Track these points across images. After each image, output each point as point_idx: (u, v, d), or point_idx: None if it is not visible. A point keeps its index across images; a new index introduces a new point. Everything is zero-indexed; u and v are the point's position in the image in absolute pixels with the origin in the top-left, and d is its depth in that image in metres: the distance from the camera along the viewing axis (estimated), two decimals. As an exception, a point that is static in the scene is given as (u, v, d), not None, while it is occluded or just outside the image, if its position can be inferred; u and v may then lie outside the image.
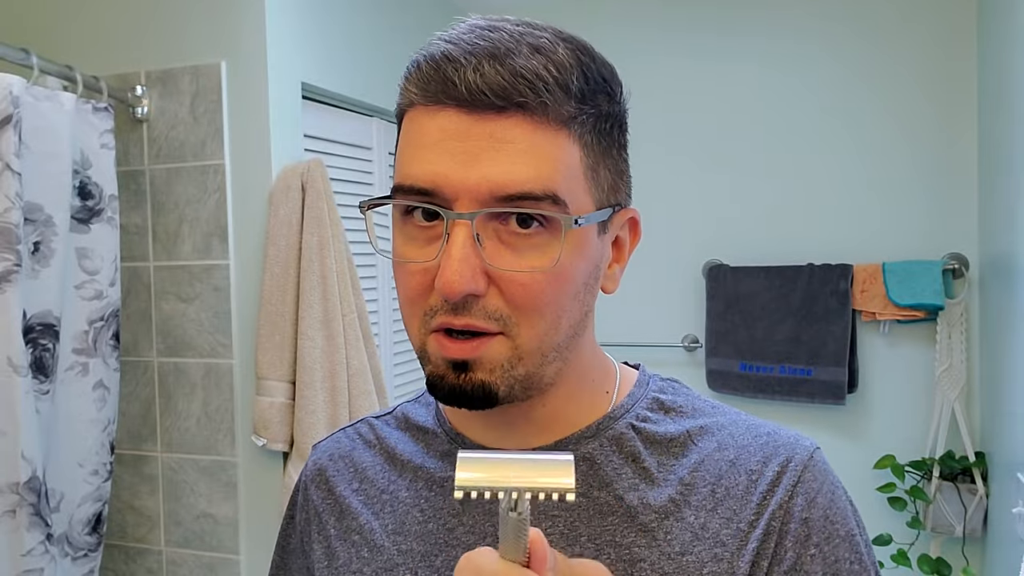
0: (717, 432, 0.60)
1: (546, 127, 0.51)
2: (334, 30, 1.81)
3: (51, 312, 1.37)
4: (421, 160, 0.52)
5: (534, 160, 0.50)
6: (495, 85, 0.49)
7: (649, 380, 0.65)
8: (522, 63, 0.50)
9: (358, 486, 0.66)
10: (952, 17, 2.15)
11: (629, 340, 2.41)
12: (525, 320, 0.52)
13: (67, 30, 1.69)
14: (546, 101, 0.50)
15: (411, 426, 0.68)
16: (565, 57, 0.52)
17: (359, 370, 1.58)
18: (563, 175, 0.52)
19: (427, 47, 0.53)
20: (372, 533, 0.63)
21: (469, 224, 0.50)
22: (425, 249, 0.53)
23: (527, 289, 0.51)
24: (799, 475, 0.57)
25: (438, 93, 0.51)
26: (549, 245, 0.51)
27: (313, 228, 1.54)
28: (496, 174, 0.50)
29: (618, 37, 2.47)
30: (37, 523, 1.30)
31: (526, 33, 0.52)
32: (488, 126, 0.50)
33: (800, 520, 0.56)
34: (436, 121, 0.51)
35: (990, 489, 2.02)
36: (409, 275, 0.53)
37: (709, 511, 0.56)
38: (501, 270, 0.51)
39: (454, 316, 0.51)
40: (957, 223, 2.16)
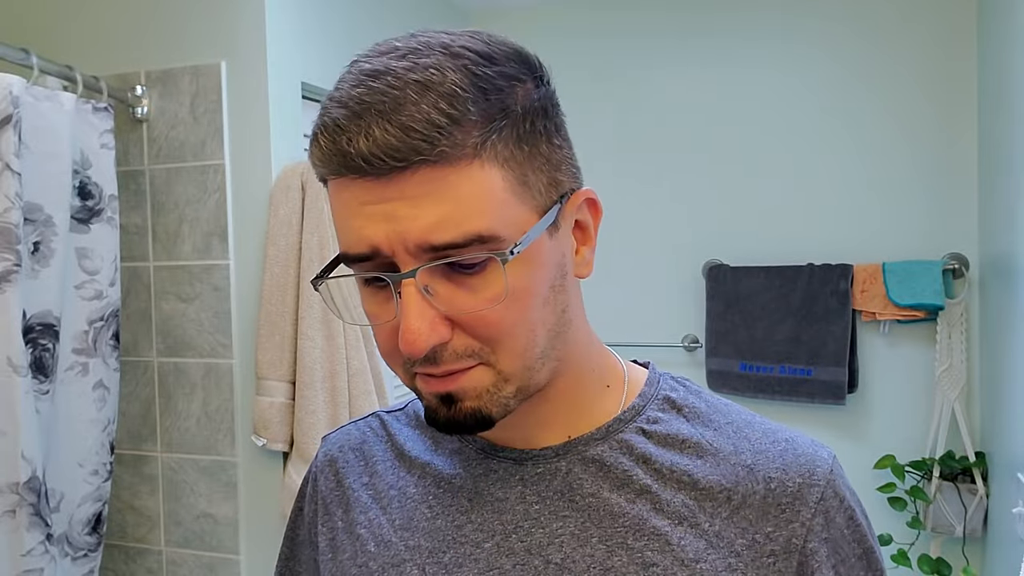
0: (732, 434, 0.60)
1: (454, 167, 0.49)
2: (334, 30, 1.81)
3: (51, 312, 1.37)
4: (351, 229, 0.51)
5: (449, 207, 0.49)
6: (388, 148, 0.47)
7: (660, 379, 0.64)
8: (411, 113, 0.47)
9: (368, 480, 0.66)
10: (952, 17, 2.15)
11: (629, 340, 2.40)
12: (499, 348, 0.52)
13: (67, 30, 1.69)
14: (445, 147, 0.48)
15: (421, 423, 0.68)
16: (456, 83, 0.48)
17: (359, 370, 1.58)
18: (485, 209, 0.50)
19: (324, 110, 0.52)
20: (380, 528, 0.63)
21: (413, 281, 0.50)
22: (385, 307, 0.53)
23: (490, 322, 0.51)
24: (821, 492, 0.56)
25: (340, 167, 0.50)
26: (498, 277, 0.50)
27: (313, 228, 1.54)
28: (415, 231, 0.49)
29: (618, 39, 2.47)
30: (37, 523, 1.30)
31: (412, 67, 0.49)
32: (397, 186, 0.49)
33: (821, 540, 0.55)
34: (350, 191, 0.51)
35: (990, 489, 2.02)
36: (382, 332, 0.54)
37: (724, 519, 0.56)
38: (460, 313, 0.51)
39: (431, 367, 0.52)
40: (957, 223, 2.16)
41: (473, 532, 0.59)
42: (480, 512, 0.60)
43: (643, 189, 2.42)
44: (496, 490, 0.60)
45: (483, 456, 0.62)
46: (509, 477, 0.60)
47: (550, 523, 0.58)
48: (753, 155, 2.35)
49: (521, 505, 0.59)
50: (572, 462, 0.59)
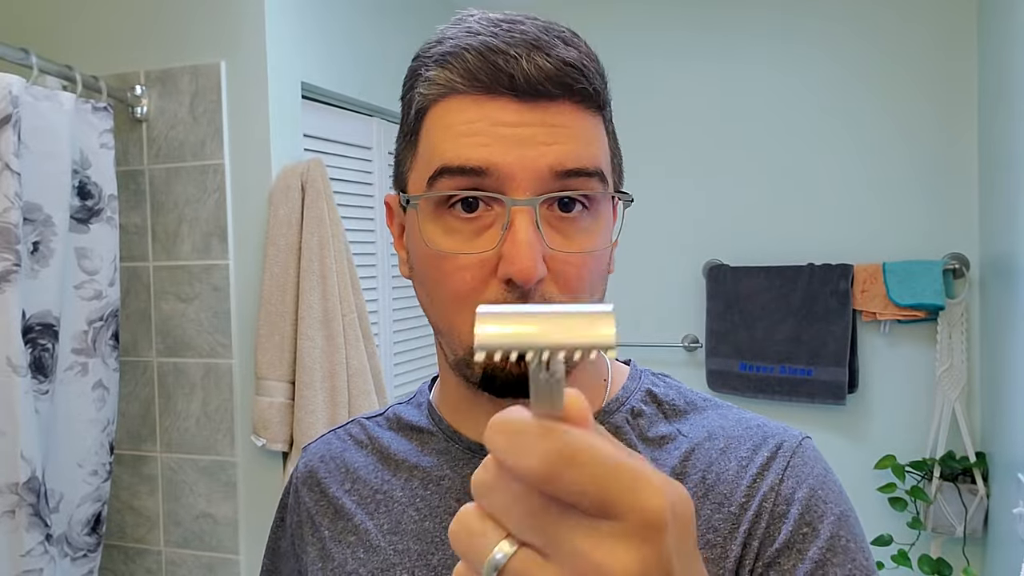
0: (707, 423, 0.61)
1: (589, 112, 0.54)
2: (334, 30, 1.81)
3: (50, 312, 1.37)
4: (471, 143, 0.52)
5: (584, 141, 0.53)
6: (550, 73, 0.51)
7: (641, 374, 0.66)
8: (564, 53, 0.53)
9: (350, 487, 0.66)
10: (952, 17, 2.15)
11: (629, 340, 2.40)
12: (575, 301, 0.53)
13: (66, 30, 1.69)
14: (595, 87, 0.54)
15: (404, 426, 0.67)
16: (588, 49, 0.55)
17: (359, 370, 1.58)
18: (604, 156, 0.56)
19: (453, 38, 0.54)
20: (367, 533, 0.62)
21: (531, 210, 0.51)
22: (474, 241, 0.53)
23: (579, 271, 0.53)
24: (789, 459, 0.57)
25: (491, 82, 0.52)
26: (591, 227, 0.54)
27: (313, 228, 1.54)
28: (552, 152, 0.51)
29: (619, 37, 2.46)
30: (36, 523, 1.30)
31: (549, 27, 0.54)
32: (539, 113, 0.52)
33: (791, 500, 0.55)
34: (484, 110, 0.52)
35: (991, 489, 2.02)
36: (459, 269, 0.53)
37: (700, 498, 0.56)
38: (561, 253, 0.52)
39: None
40: (958, 223, 2.16)
41: None
42: None
43: (643, 189, 2.41)
44: None
45: (470, 455, 0.61)
46: None
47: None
48: (753, 155, 2.35)
49: None
50: None
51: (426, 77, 0.55)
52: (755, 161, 2.35)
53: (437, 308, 0.56)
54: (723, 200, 2.38)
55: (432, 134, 0.55)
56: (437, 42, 0.55)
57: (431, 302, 0.57)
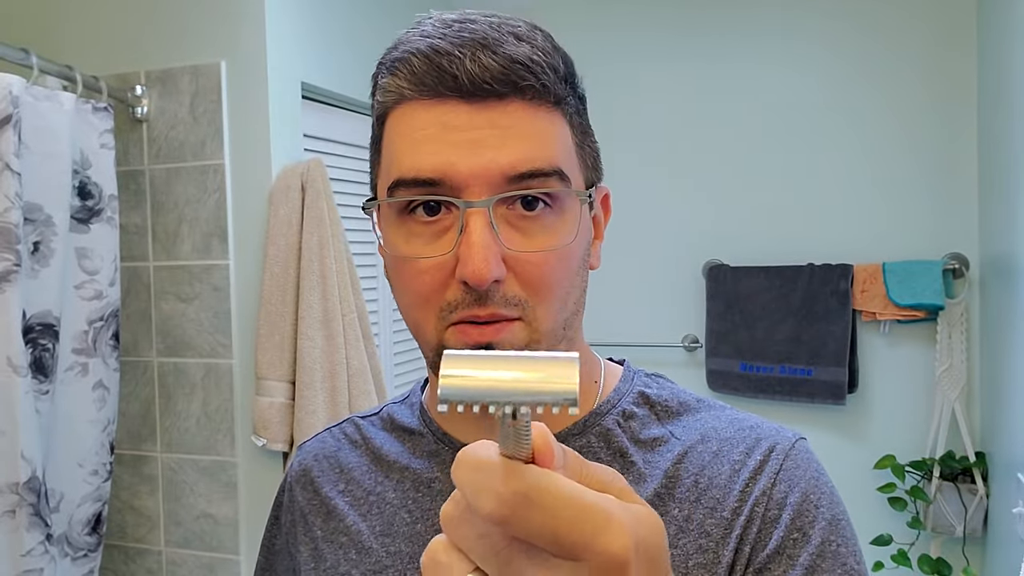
0: (700, 425, 0.61)
1: (542, 108, 0.53)
2: (334, 30, 1.81)
3: (51, 312, 1.37)
4: (423, 152, 0.52)
5: (537, 141, 0.52)
6: (496, 72, 0.50)
7: (634, 375, 0.65)
8: (513, 50, 0.51)
9: (344, 487, 0.65)
10: (952, 16, 2.15)
11: (629, 340, 2.40)
12: (541, 302, 0.53)
13: (67, 30, 1.69)
14: (545, 83, 0.52)
15: (396, 427, 0.67)
16: (544, 43, 0.54)
17: (359, 370, 1.58)
18: (563, 153, 0.54)
19: (405, 43, 0.53)
20: (360, 535, 0.62)
21: (486, 211, 0.50)
22: (434, 244, 0.52)
23: (542, 270, 0.52)
24: (781, 462, 0.57)
25: (436, 85, 0.51)
26: (556, 225, 0.53)
27: (313, 228, 1.54)
28: (504, 157, 0.51)
29: (616, 39, 2.46)
30: (37, 523, 1.30)
31: (502, 23, 0.53)
32: (489, 114, 0.51)
33: (782, 505, 0.55)
34: (433, 114, 0.52)
35: (990, 489, 2.02)
36: (420, 273, 0.53)
37: (693, 502, 0.56)
38: (519, 252, 0.52)
39: (479, 307, 0.51)
40: (957, 223, 2.16)
41: None
42: None
43: (643, 189, 2.42)
44: None
45: None
46: None
47: None
48: (753, 155, 2.35)
49: None
50: None
51: (381, 85, 0.55)
52: (755, 161, 2.35)
53: (404, 311, 0.57)
54: (723, 200, 2.38)
55: (389, 142, 0.55)
56: (393, 47, 0.55)
57: (400, 306, 0.58)
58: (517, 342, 0.52)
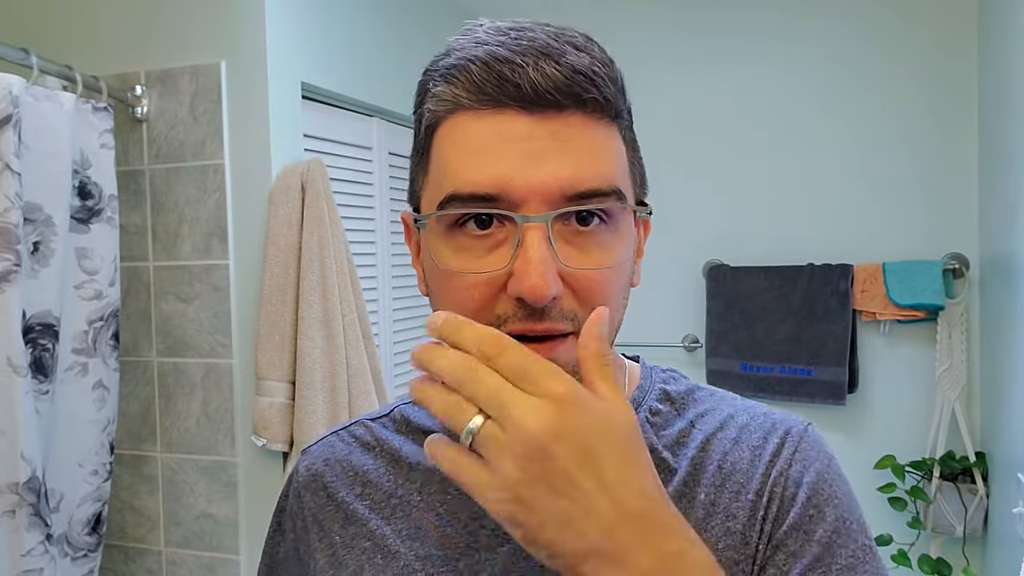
0: (718, 414, 0.62)
1: (601, 123, 0.52)
2: (334, 30, 1.81)
3: (51, 312, 1.37)
4: (479, 165, 0.50)
5: (596, 156, 0.51)
6: (559, 83, 0.49)
7: (652, 371, 0.67)
8: (575, 60, 0.50)
9: (361, 491, 0.64)
10: (952, 16, 2.15)
11: (629, 340, 2.40)
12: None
13: (67, 30, 1.69)
14: (606, 96, 0.51)
15: (413, 429, 0.65)
16: (602, 55, 0.53)
17: (359, 370, 1.58)
18: (620, 170, 0.53)
19: (459, 50, 0.52)
20: (384, 539, 0.61)
21: (544, 226, 0.49)
22: (486, 259, 0.51)
23: (600, 286, 0.52)
24: (796, 444, 0.59)
25: (497, 95, 0.50)
26: (611, 242, 0.52)
27: (313, 228, 1.54)
28: (563, 172, 0.49)
29: (616, 39, 2.46)
30: (37, 523, 1.30)
31: (560, 33, 0.52)
32: (549, 125, 0.50)
33: (799, 483, 0.57)
34: (492, 124, 0.50)
35: (990, 489, 2.02)
36: (470, 287, 0.51)
37: (718, 487, 0.57)
38: (577, 270, 0.51)
39: (534, 322, 0.50)
40: (957, 223, 2.16)
41: (487, 537, 0.58)
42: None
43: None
44: None
45: None
46: None
47: None
48: (753, 155, 2.35)
49: None
50: None
51: (433, 93, 0.53)
52: (755, 161, 2.35)
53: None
54: (723, 200, 2.38)
55: (441, 153, 0.53)
56: (445, 54, 0.53)
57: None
58: (570, 359, 0.51)
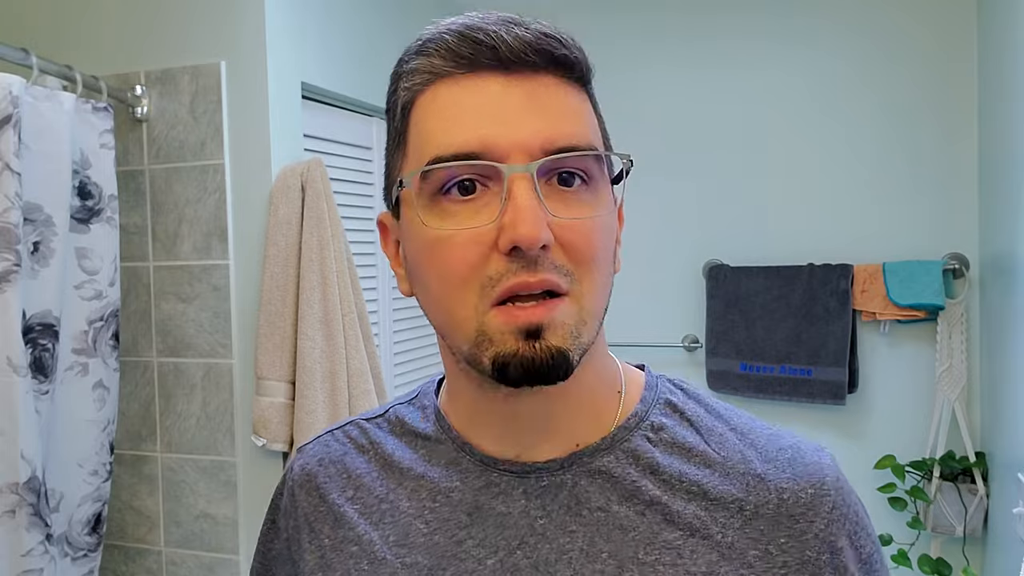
0: (737, 442, 0.58)
1: (573, 86, 0.54)
2: (334, 30, 1.81)
3: (50, 312, 1.37)
4: (460, 127, 0.51)
5: (571, 117, 0.53)
6: (531, 43, 0.51)
7: (657, 382, 0.62)
8: (542, 27, 0.53)
9: (352, 494, 0.63)
10: (952, 16, 2.15)
11: (629, 340, 2.40)
12: (585, 275, 0.52)
13: (67, 30, 1.69)
14: (577, 57, 0.53)
15: (408, 432, 0.64)
16: (565, 32, 0.55)
17: (359, 370, 1.58)
18: (593, 132, 0.55)
19: (433, 30, 0.54)
20: (371, 544, 0.60)
21: (530, 176, 0.49)
22: (473, 219, 0.50)
23: (587, 238, 0.52)
24: (832, 501, 0.55)
25: (475, 57, 0.51)
26: (592, 200, 0.53)
27: (313, 228, 1.54)
28: (542, 130, 0.50)
29: (616, 40, 2.46)
30: (37, 523, 1.30)
31: (522, 16, 0.54)
32: (525, 86, 0.51)
33: (837, 549, 0.55)
34: (469, 88, 0.52)
35: (990, 489, 2.02)
36: (458, 248, 0.50)
37: (737, 530, 0.54)
38: (564, 219, 0.51)
39: (529, 274, 0.49)
40: (958, 223, 2.16)
41: (475, 548, 0.57)
42: (481, 527, 0.57)
43: (644, 189, 2.41)
44: (498, 504, 0.57)
45: (482, 468, 0.59)
46: (511, 491, 0.57)
47: (557, 538, 0.55)
48: (753, 155, 2.35)
49: (525, 520, 0.56)
50: (578, 475, 0.57)
51: (408, 70, 0.55)
52: (755, 161, 2.35)
53: (435, 303, 0.53)
54: (723, 200, 2.38)
55: (421, 125, 0.53)
56: (416, 40, 0.55)
57: (431, 298, 0.54)
58: (568, 320, 0.50)
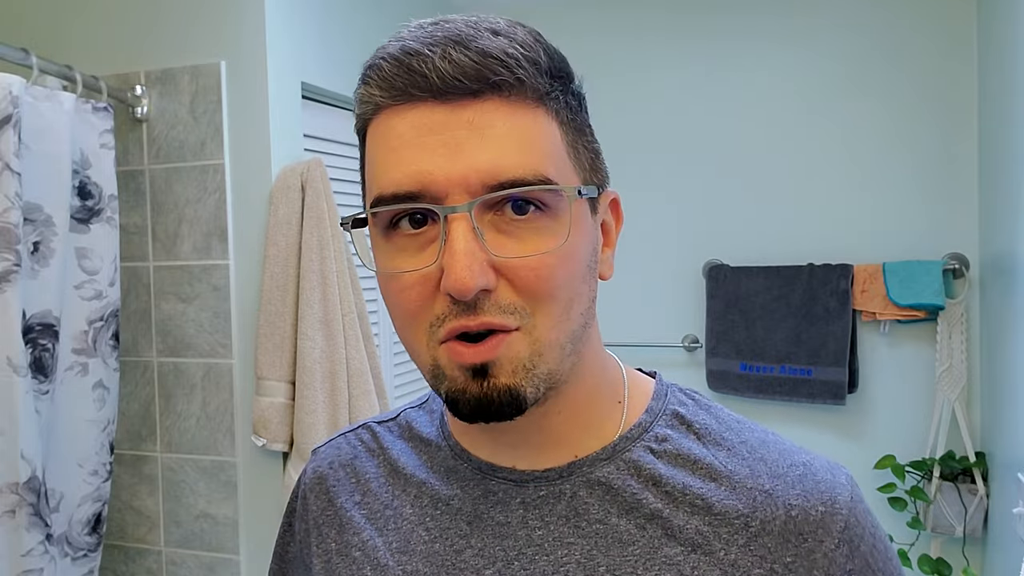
0: (747, 455, 0.56)
1: (523, 106, 0.49)
2: (334, 29, 1.81)
3: (51, 312, 1.37)
4: (399, 163, 0.48)
5: (518, 144, 0.48)
6: (468, 68, 0.47)
7: (667, 392, 0.60)
8: (487, 44, 0.48)
9: (360, 499, 0.63)
10: (951, 16, 2.15)
11: (629, 340, 2.40)
12: (540, 309, 0.49)
13: (67, 30, 1.69)
14: (521, 77, 0.48)
15: (414, 436, 0.64)
16: (525, 37, 0.50)
17: (359, 370, 1.58)
18: (549, 155, 0.50)
19: (379, 51, 0.51)
20: (375, 550, 0.60)
21: (467, 216, 0.47)
22: (419, 256, 0.49)
23: (538, 274, 0.48)
24: (844, 521, 0.53)
25: (407, 87, 0.48)
26: (550, 227, 0.49)
27: (313, 228, 1.54)
28: (483, 163, 0.47)
29: (616, 39, 2.46)
30: (37, 523, 1.30)
31: (480, 21, 0.50)
32: (465, 113, 0.48)
33: (846, 571, 0.52)
34: (407, 119, 0.49)
35: (990, 489, 2.02)
36: (406, 288, 0.50)
37: (741, 547, 0.52)
38: (508, 259, 0.48)
39: (468, 317, 0.48)
40: (958, 223, 2.16)
41: (473, 558, 0.56)
42: (480, 536, 0.57)
43: (643, 189, 2.42)
44: (496, 513, 0.57)
45: (480, 476, 0.58)
46: (509, 500, 0.57)
47: (555, 550, 0.54)
48: (753, 155, 2.35)
49: (523, 530, 0.55)
50: (577, 485, 0.56)
51: (357, 96, 0.52)
52: (755, 162, 2.35)
53: (398, 333, 0.53)
54: (723, 200, 2.38)
55: (370, 156, 0.52)
56: (373, 55, 0.52)
57: (395, 328, 0.53)
58: (518, 356, 0.49)
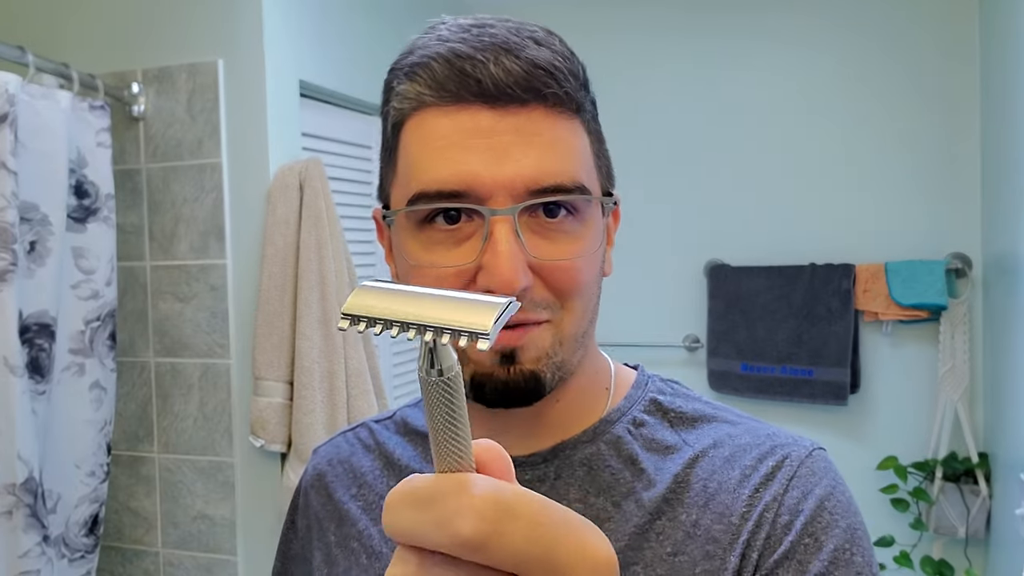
0: (715, 432, 0.59)
1: (564, 117, 0.52)
2: (332, 28, 1.80)
3: (47, 312, 1.36)
4: (446, 161, 0.51)
5: (560, 152, 0.52)
6: (519, 77, 0.50)
7: (648, 381, 0.63)
8: (535, 55, 0.51)
9: (356, 491, 0.65)
10: (954, 15, 2.14)
11: (629, 340, 2.39)
12: (568, 305, 0.53)
13: (63, 28, 1.68)
14: (568, 91, 0.52)
15: (410, 431, 0.66)
16: (563, 48, 0.53)
17: (357, 370, 1.57)
18: (583, 163, 0.53)
19: (422, 48, 0.52)
20: (371, 540, 0.62)
21: (511, 219, 0.50)
22: (455, 251, 0.51)
23: (570, 275, 0.53)
24: (795, 469, 0.55)
25: (459, 90, 0.50)
26: (578, 231, 0.53)
27: (311, 227, 1.53)
28: (528, 168, 0.50)
29: (617, 39, 2.46)
30: (34, 524, 1.30)
31: (520, 28, 0.52)
32: (513, 120, 0.50)
33: (795, 511, 0.54)
34: (455, 120, 0.51)
35: (993, 490, 2.01)
36: (440, 280, 0.52)
37: (701, 507, 0.55)
38: (545, 260, 0.51)
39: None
40: (960, 222, 2.15)
41: None
42: None
43: (644, 189, 2.41)
44: None
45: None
46: None
47: None
48: (755, 155, 2.34)
49: None
50: (560, 467, 0.58)
51: (398, 91, 0.54)
52: (756, 161, 2.34)
53: None
54: (724, 200, 2.37)
55: (408, 150, 0.53)
56: (408, 52, 0.54)
57: None
58: (542, 345, 0.52)
